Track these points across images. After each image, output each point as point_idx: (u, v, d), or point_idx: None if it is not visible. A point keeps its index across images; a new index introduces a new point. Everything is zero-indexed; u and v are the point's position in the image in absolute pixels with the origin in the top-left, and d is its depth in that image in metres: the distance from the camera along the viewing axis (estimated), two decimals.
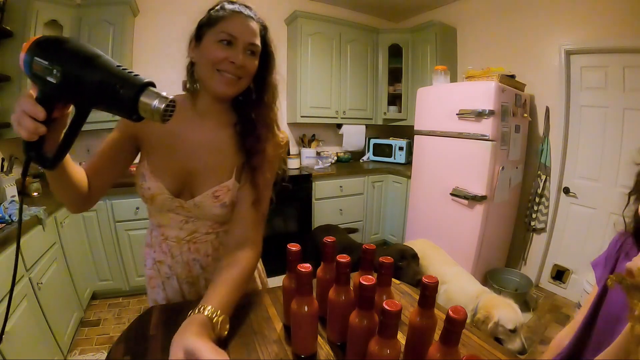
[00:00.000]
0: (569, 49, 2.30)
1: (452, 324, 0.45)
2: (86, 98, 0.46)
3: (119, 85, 0.43)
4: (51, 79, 0.44)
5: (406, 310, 0.78)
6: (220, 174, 0.78)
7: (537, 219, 2.53)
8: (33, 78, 0.46)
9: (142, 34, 2.55)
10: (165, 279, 0.87)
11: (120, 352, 0.63)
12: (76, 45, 0.46)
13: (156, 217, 0.85)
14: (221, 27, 0.68)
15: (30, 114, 0.45)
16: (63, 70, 0.44)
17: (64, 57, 0.44)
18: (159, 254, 0.86)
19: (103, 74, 0.44)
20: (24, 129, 0.46)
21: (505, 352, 0.66)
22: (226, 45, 0.68)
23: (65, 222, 1.92)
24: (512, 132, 2.28)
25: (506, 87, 2.20)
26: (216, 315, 0.58)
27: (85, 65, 0.44)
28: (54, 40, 0.45)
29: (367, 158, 3.63)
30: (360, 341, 0.53)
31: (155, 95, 0.44)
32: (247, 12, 0.72)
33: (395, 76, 3.43)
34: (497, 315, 1.55)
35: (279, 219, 2.83)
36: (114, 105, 0.45)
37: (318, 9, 3.22)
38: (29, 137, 0.47)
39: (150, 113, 0.44)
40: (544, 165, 2.46)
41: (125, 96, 0.43)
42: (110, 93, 0.44)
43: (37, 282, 1.49)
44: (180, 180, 0.78)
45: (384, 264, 0.63)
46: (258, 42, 0.72)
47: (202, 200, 0.77)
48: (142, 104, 0.44)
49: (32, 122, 0.46)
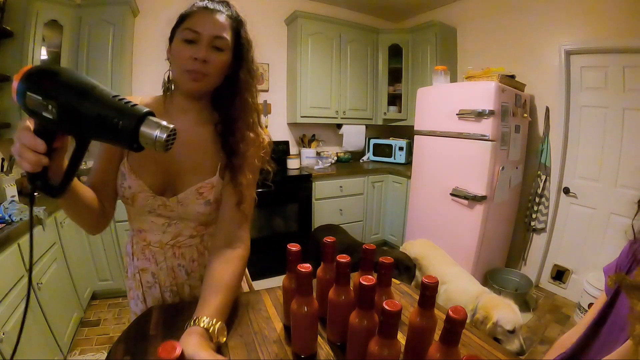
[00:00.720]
0: (569, 49, 2.30)
1: (452, 324, 0.45)
2: (85, 131, 0.45)
3: (117, 118, 0.42)
4: (47, 114, 0.43)
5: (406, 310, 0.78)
6: (203, 170, 0.76)
7: (537, 219, 2.53)
8: (28, 112, 0.44)
9: (142, 34, 2.55)
10: (146, 288, 0.83)
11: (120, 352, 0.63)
12: (70, 78, 0.44)
13: (137, 220, 0.81)
14: (185, 25, 0.67)
15: (31, 147, 0.45)
16: (58, 106, 0.42)
17: (58, 92, 0.43)
18: (142, 262, 0.83)
19: (100, 107, 0.43)
20: (26, 161, 0.45)
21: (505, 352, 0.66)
22: (190, 43, 0.66)
23: (65, 222, 1.92)
24: (512, 132, 2.28)
25: (506, 87, 2.20)
26: (212, 325, 0.58)
27: (81, 99, 0.43)
28: (46, 72, 0.44)
29: (367, 158, 3.63)
30: (360, 341, 0.53)
31: (155, 125, 0.43)
32: (214, 6, 0.69)
33: (395, 76, 3.43)
34: (496, 315, 1.55)
35: (279, 219, 2.83)
36: (113, 137, 0.44)
37: (318, 9, 3.22)
38: (32, 169, 0.46)
39: (152, 143, 0.43)
40: (544, 165, 2.46)
41: (126, 128, 0.42)
42: (109, 126, 0.43)
43: (37, 282, 1.49)
44: (162, 178, 0.75)
45: (384, 264, 0.63)
46: (226, 35, 0.69)
47: (186, 197, 0.75)
48: (143, 135, 0.43)
49: (33, 154, 0.45)
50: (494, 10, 2.77)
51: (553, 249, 2.56)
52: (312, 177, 2.85)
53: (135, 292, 0.85)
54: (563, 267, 2.49)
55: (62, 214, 1.91)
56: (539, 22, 2.47)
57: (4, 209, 1.48)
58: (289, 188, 2.78)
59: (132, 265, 0.85)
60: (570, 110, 2.38)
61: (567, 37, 2.31)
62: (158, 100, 0.79)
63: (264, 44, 3.10)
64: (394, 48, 3.34)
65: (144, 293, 0.84)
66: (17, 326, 1.28)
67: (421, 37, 3.15)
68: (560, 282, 2.51)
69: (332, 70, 3.14)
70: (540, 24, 2.46)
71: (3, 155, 1.97)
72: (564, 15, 2.32)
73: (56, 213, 1.82)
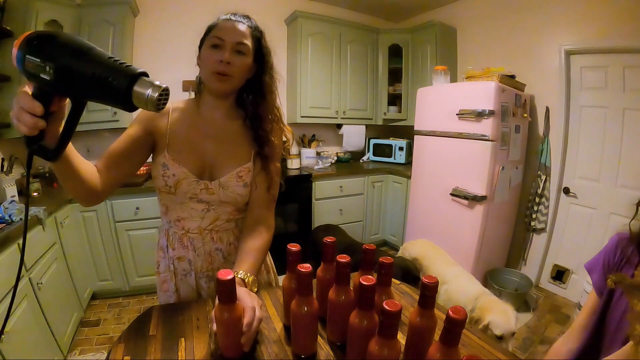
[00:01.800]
0: (569, 49, 2.30)
1: (452, 324, 0.45)
2: (80, 91, 0.47)
3: (111, 77, 0.44)
4: (44, 75, 0.44)
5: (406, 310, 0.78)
6: (239, 157, 0.86)
7: (537, 219, 2.53)
8: (27, 75, 0.46)
9: (142, 34, 2.55)
10: (182, 276, 0.89)
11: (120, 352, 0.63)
12: (67, 40, 0.45)
13: (176, 210, 0.86)
14: (212, 34, 0.78)
15: (28, 110, 0.46)
16: (55, 67, 0.44)
17: (55, 53, 0.44)
18: (178, 251, 0.88)
19: (95, 66, 0.44)
20: (23, 124, 0.47)
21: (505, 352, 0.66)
22: (216, 48, 0.77)
23: (65, 222, 1.92)
24: (512, 132, 2.28)
25: (506, 87, 2.20)
26: (247, 276, 0.72)
27: (77, 60, 0.44)
28: (45, 35, 0.45)
29: (367, 158, 3.63)
30: (360, 341, 0.53)
31: (148, 85, 0.44)
32: (236, 17, 0.80)
33: (395, 76, 3.42)
34: (488, 318, 1.53)
35: (279, 219, 2.83)
36: (107, 96, 0.45)
37: (318, 9, 3.22)
38: (29, 132, 0.48)
39: (144, 102, 0.44)
40: (544, 165, 2.46)
41: (118, 87, 0.44)
42: (104, 85, 0.44)
43: (37, 282, 1.49)
44: (201, 165, 0.84)
45: (384, 264, 0.63)
46: (247, 41, 0.79)
47: (227, 180, 0.84)
48: (135, 94, 0.44)
49: (30, 117, 0.47)
50: (494, 10, 2.77)
51: (553, 249, 2.56)
52: (312, 177, 2.85)
53: (170, 283, 0.90)
54: (563, 267, 2.49)
55: (62, 214, 1.91)
56: (539, 22, 2.47)
57: (4, 209, 1.48)
58: (289, 188, 2.75)
59: (166, 258, 0.90)
60: (570, 110, 2.38)
61: (567, 37, 2.31)
62: (191, 101, 0.89)
63: None
64: (394, 48, 3.34)
65: (177, 283, 0.89)
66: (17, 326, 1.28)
67: (421, 37, 3.15)
68: (560, 282, 2.51)
69: (332, 70, 3.14)
70: (540, 24, 2.46)
71: (3, 155, 1.97)
72: (564, 15, 2.32)
73: (56, 213, 1.83)
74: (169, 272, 0.89)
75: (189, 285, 0.89)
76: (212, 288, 0.90)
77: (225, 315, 0.55)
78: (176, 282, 0.89)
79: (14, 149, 2.08)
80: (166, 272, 0.90)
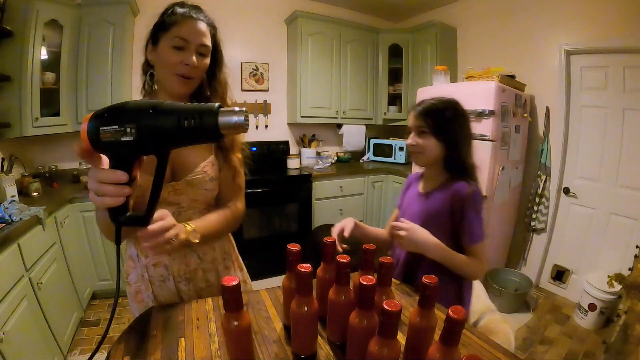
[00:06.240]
0: (569, 49, 2.30)
1: (452, 324, 0.45)
2: (166, 143, 0.48)
3: (198, 118, 0.45)
4: (127, 137, 0.45)
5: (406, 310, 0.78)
6: (201, 153, 0.85)
7: (537, 219, 2.53)
8: (102, 147, 0.47)
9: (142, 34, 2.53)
10: (160, 283, 0.86)
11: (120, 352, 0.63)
12: (136, 103, 0.48)
13: None
14: (174, 33, 0.74)
15: (112, 181, 0.48)
16: (137, 126, 0.45)
17: (132, 115, 0.46)
18: (153, 257, 0.85)
19: (177, 114, 0.45)
20: (108, 197, 0.48)
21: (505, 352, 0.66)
22: (179, 50, 0.75)
23: (65, 222, 1.92)
24: (512, 132, 2.28)
25: (506, 87, 2.20)
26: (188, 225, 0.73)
27: (156, 114, 0.46)
28: (114, 107, 0.47)
29: (367, 158, 3.63)
30: (360, 341, 0.53)
31: (229, 113, 0.46)
32: (196, 15, 0.77)
33: (395, 76, 3.43)
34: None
35: (279, 218, 2.83)
36: (197, 136, 0.47)
37: (318, 9, 3.22)
38: (115, 203, 0.49)
39: (234, 128, 0.46)
40: (544, 166, 2.46)
41: (209, 125, 0.45)
42: (192, 128, 0.45)
43: (37, 282, 1.49)
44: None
45: (384, 264, 0.63)
46: (208, 42, 0.79)
47: (194, 176, 0.83)
48: (222, 125, 0.45)
49: (114, 187, 0.48)
50: (494, 10, 2.77)
51: (553, 249, 2.55)
52: (312, 177, 2.85)
53: (146, 292, 0.87)
54: (563, 267, 2.49)
55: (62, 214, 1.91)
56: (539, 22, 2.47)
57: (4, 209, 1.48)
58: (289, 188, 2.78)
59: (137, 267, 0.87)
60: (570, 111, 2.38)
61: (567, 37, 2.31)
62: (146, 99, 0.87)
63: (264, 44, 3.11)
64: (394, 48, 3.34)
65: (155, 291, 0.86)
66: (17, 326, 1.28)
67: (421, 37, 3.15)
68: (560, 282, 2.51)
69: (332, 70, 3.14)
70: (540, 24, 2.46)
71: (3, 155, 1.97)
72: (564, 16, 2.32)
73: (56, 213, 1.83)
74: (143, 282, 0.86)
75: (169, 290, 0.87)
76: (192, 290, 0.89)
77: (233, 324, 0.53)
78: (153, 289, 0.86)
79: (14, 149, 2.08)
80: (139, 282, 0.87)
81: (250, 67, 3.06)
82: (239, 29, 2.96)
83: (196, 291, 0.89)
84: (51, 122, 2.11)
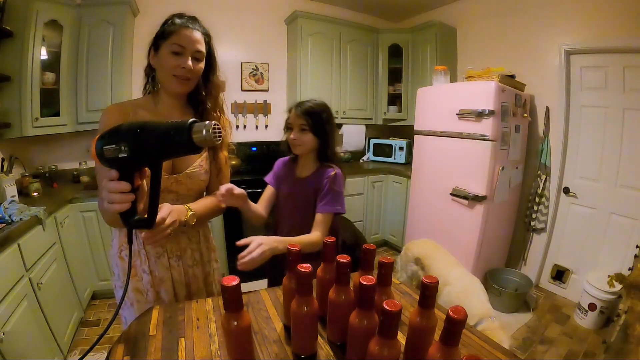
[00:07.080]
0: (569, 49, 2.30)
1: (452, 324, 0.45)
2: (153, 155, 0.57)
3: (174, 134, 0.53)
4: (122, 154, 0.55)
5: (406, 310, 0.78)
6: None
7: (537, 219, 2.53)
8: (108, 162, 0.57)
9: (142, 34, 2.55)
10: (155, 258, 0.96)
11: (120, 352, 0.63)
12: (128, 125, 0.57)
13: None
14: (173, 40, 0.85)
15: (117, 190, 0.57)
16: (128, 144, 0.55)
17: (124, 135, 0.56)
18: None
19: (158, 132, 0.54)
20: (117, 203, 0.58)
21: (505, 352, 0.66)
22: (177, 55, 0.86)
23: (65, 222, 1.92)
24: (512, 132, 2.28)
25: (506, 87, 2.20)
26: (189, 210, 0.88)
27: (142, 132, 0.55)
28: (112, 129, 0.57)
29: (367, 158, 3.63)
30: (360, 341, 0.53)
31: (201, 126, 0.52)
32: (192, 25, 0.88)
33: (395, 76, 3.42)
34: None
35: None
36: (176, 149, 0.55)
37: (318, 9, 3.22)
38: (121, 207, 0.58)
39: (204, 141, 0.53)
40: (544, 165, 2.46)
41: (181, 139, 0.53)
42: (170, 143, 0.54)
43: (37, 282, 1.49)
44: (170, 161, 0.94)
45: (384, 264, 0.63)
46: (202, 48, 0.90)
47: (193, 170, 0.96)
48: (196, 139, 0.52)
49: (120, 195, 0.57)
50: (494, 10, 2.77)
51: (553, 249, 2.55)
52: None
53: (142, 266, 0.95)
54: (563, 267, 2.49)
55: (62, 214, 1.91)
56: (539, 22, 2.47)
57: (4, 209, 1.48)
58: None
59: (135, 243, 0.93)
60: (570, 110, 2.38)
61: (567, 37, 2.31)
62: (148, 99, 0.97)
63: (264, 44, 3.11)
64: (394, 48, 3.34)
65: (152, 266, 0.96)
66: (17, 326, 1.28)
67: (421, 37, 3.15)
68: (560, 282, 2.51)
69: (332, 70, 3.14)
70: (540, 24, 2.46)
71: (3, 155, 1.97)
72: (564, 15, 2.32)
73: (56, 213, 1.83)
74: (139, 257, 0.96)
75: (163, 265, 0.97)
76: (181, 266, 1.00)
77: (233, 324, 0.53)
78: (150, 264, 0.96)
79: (14, 149, 2.08)
80: (134, 257, 0.95)
81: (250, 67, 3.06)
82: (239, 29, 2.95)
83: (184, 267, 1.01)
84: (51, 122, 2.10)
